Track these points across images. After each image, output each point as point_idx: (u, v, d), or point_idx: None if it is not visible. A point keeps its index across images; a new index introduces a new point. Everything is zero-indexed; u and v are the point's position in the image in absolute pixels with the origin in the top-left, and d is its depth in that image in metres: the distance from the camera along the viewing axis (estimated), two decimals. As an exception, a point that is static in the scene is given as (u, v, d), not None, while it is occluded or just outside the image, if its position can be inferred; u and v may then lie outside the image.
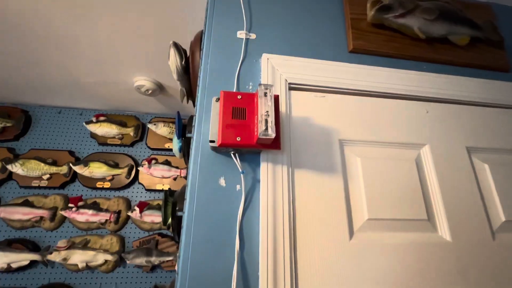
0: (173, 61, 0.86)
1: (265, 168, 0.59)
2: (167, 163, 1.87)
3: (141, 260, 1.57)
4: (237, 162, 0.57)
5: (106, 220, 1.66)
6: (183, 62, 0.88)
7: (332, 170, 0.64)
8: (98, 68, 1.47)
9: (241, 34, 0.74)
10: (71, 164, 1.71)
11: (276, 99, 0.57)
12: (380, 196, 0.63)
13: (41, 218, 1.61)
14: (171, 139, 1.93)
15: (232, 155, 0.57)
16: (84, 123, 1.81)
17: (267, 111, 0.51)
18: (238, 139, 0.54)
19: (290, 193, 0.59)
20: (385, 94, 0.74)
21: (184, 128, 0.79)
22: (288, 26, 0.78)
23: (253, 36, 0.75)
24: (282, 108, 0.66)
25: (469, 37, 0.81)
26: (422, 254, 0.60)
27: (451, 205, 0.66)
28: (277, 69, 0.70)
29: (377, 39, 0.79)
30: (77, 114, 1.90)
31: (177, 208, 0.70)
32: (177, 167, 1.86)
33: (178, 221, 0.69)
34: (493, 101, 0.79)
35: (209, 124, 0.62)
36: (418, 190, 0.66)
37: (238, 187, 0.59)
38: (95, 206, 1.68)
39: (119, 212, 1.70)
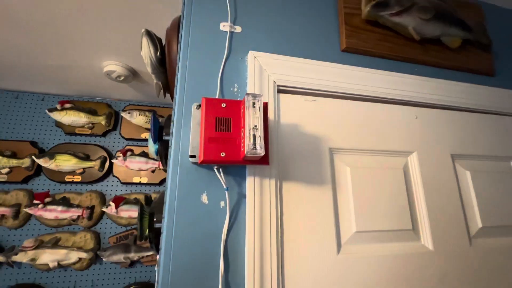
0: (146, 52, 0.75)
1: (251, 183, 0.54)
2: (144, 154, 1.76)
3: (119, 257, 1.51)
4: (221, 178, 0.52)
5: (78, 216, 1.56)
6: (158, 54, 0.77)
7: (321, 182, 0.61)
8: (60, 50, 1.29)
9: (225, 26, 0.65)
10: (34, 157, 1.54)
11: (265, 108, 0.51)
12: (368, 208, 0.62)
13: (3, 216, 1.47)
14: (148, 129, 1.80)
15: (215, 170, 0.52)
16: (46, 111, 1.62)
17: (255, 125, 0.46)
18: (223, 154, 0.48)
19: (278, 208, 0.55)
20: (377, 98, 0.71)
21: (161, 130, 0.71)
22: (276, 19, 0.71)
23: (238, 29, 0.67)
24: (270, 114, 0.60)
25: (461, 40, 0.79)
26: (406, 264, 0.61)
27: (434, 214, 0.66)
28: (265, 69, 0.63)
29: (371, 37, 0.74)
30: (38, 99, 1.70)
31: (154, 219, 0.64)
32: (155, 159, 1.76)
33: (156, 233, 0.63)
34: (477, 107, 0.79)
35: (188, 135, 0.56)
36: (404, 199, 0.66)
37: (222, 203, 0.54)
38: (65, 202, 1.56)
39: (92, 208, 1.60)
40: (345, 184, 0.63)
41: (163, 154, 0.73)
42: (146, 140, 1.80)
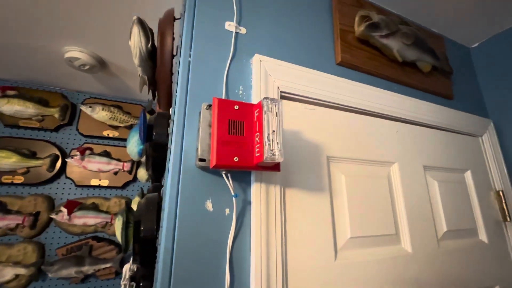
0: (136, 42, 0.68)
1: (257, 189, 0.53)
2: (106, 154, 1.58)
3: (69, 272, 1.31)
4: (229, 184, 0.49)
5: (18, 224, 1.31)
6: (149, 45, 0.71)
7: (321, 189, 0.62)
8: (10, 26, 1.08)
9: (230, 26, 0.63)
10: (-41, 152, 1.26)
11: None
12: (361, 214, 0.66)
13: None
14: (112, 126, 1.63)
15: (224, 175, 0.49)
16: (-19, 97, 1.35)
17: (274, 130, 0.44)
18: (236, 159, 0.45)
19: (282, 215, 0.54)
20: (366, 111, 0.76)
21: (150, 129, 0.65)
22: (278, 27, 0.71)
23: (243, 30, 0.65)
24: (275, 120, 0.59)
25: (431, 66, 0.90)
26: (391, 267, 0.65)
27: (412, 219, 0.73)
28: (269, 74, 0.63)
29: (361, 55, 0.80)
30: (-30, 82, 1.40)
31: (141, 228, 0.57)
32: (118, 160, 1.60)
33: (144, 244, 0.56)
34: (442, 125, 0.91)
35: (195, 136, 0.52)
36: (389, 206, 0.71)
37: (227, 211, 0.51)
38: (1, 207, 1.30)
39: (36, 214, 1.36)
40: (340, 192, 0.65)
41: (151, 156, 0.66)
42: (109, 138, 1.62)
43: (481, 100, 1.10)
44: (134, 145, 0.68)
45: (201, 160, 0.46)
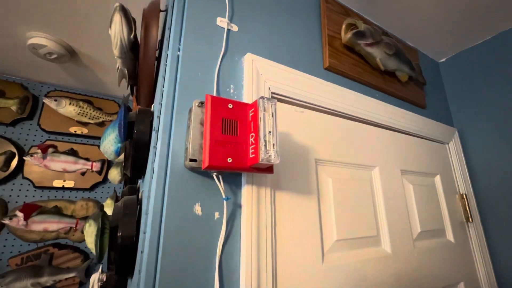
0: (118, 31, 0.63)
1: (249, 192, 0.51)
2: (72, 152, 1.44)
3: (24, 284, 1.16)
4: (220, 186, 0.46)
5: (-39, 231, 1.14)
6: (131, 36, 0.66)
7: (309, 192, 0.62)
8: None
9: (222, 22, 0.61)
10: None
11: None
12: (346, 217, 0.67)
13: None
14: (80, 122, 1.50)
15: (215, 177, 0.46)
16: None
17: (270, 131, 0.43)
18: (229, 160, 0.43)
19: (272, 219, 0.53)
20: (350, 116, 0.78)
21: (131, 126, 0.60)
22: (269, 27, 0.70)
23: (235, 28, 0.63)
24: (266, 121, 0.58)
25: (408, 76, 0.96)
26: (373, 268, 0.67)
27: (391, 221, 0.76)
28: (261, 74, 0.62)
29: (347, 61, 0.82)
30: None
31: (119, 234, 0.52)
32: (87, 159, 1.47)
33: (121, 252, 0.51)
34: (416, 132, 0.97)
35: (183, 135, 0.48)
36: (371, 209, 0.74)
37: (217, 215, 0.48)
38: None
39: (-15, 219, 1.20)
40: (327, 195, 0.66)
41: (130, 155, 0.61)
42: (77, 135, 1.49)
43: (448, 110, 1.19)
44: (110, 143, 0.62)
45: (192, 160, 0.43)
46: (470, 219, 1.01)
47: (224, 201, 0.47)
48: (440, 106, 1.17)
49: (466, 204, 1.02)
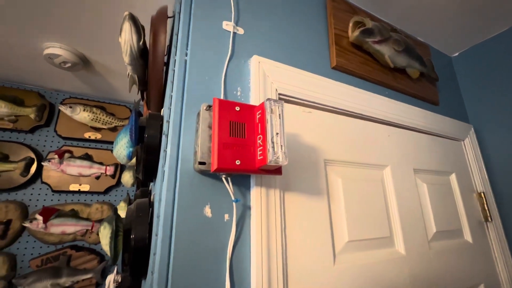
0: (128, 39, 0.65)
1: (258, 194, 0.51)
2: (87, 157, 1.49)
3: (45, 284, 1.20)
4: (230, 188, 0.47)
5: (-15, 234, 1.20)
6: (140, 43, 0.67)
7: (319, 193, 0.62)
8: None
9: (228, 26, 0.62)
10: None
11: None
12: (357, 217, 0.66)
13: None
14: (94, 128, 1.55)
15: (224, 179, 0.47)
16: None
17: (277, 133, 0.43)
18: (238, 162, 0.43)
19: (282, 220, 0.53)
20: (360, 115, 0.77)
21: (142, 131, 0.61)
22: (274, 28, 0.71)
23: (240, 31, 0.64)
24: (274, 122, 0.58)
25: (419, 72, 0.93)
26: (386, 270, 0.66)
27: (404, 222, 0.75)
28: (268, 76, 0.62)
29: (355, 59, 0.81)
30: None
31: (132, 236, 0.54)
32: (101, 163, 1.52)
33: (135, 254, 0.53)
34: (428, 129, 0.94)
35: (192, 138, 0.49)
36: (383, 209, 0.72)
37: (226, 216, 0.49)
38: (-35, 216, 1.18)
39: (8, 223, 1.25)
40: (337, 195, 0.65)
41: (142, 159, 0.63)
42: (91, 140, 1.54)
43: (462, 106, 1.16)
44: (123, 148, 0.63)
45: (201, 163, 0.44)
46: (489, 218, 0.97)
47: (234, 203, 0.47)
48: (454, 102, 1.13)
49: (485, 203, 0.99)
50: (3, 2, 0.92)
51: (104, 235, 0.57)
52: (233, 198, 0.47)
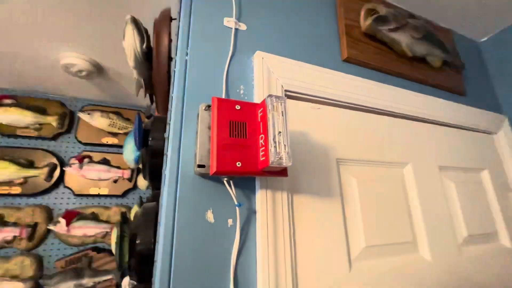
0: (131, 43, 0.65)
1: (263, 197, 0.48)
2: (105, 162, 1.54)
3: (68, 285, 1.26)
4: (232, 192, 0.44)
5: (15, 236, 1.27)
6: (144, 46, 0.67)
7: (331, 195, 0.57)
8: (4, 34, 1.06)
9: (229, 22, 0.59)
10: (-45, 163, 1.23)
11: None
12: (375, 221, 0.60)
13: None
14: (111, 133, 1.60)
15: (225, 182, 0.44)
16: (-22, 107, 1.32)
17: (280, 131, 0.40)
18: (239, 164, 0.41)
19: (291, 225, 0.50)
20: (375, 109, 0.71)
21: (146, 134, 0.61)
22: (279, 22, 0.67)
23: (243, 26, 0.61)
24: (280, 120, 0.55)
25: (442, 60, 0.85)
26: (409, 278, 0.60)
27: (429, 225, 0.68)
28: (272, 72, 0.59)
29: (368, 50, 0.76)
30: (-34, 92, 1.38)
31: (138, 241, 0.53)
32: (118, 167, 1.56)
33: (140, 259, 0.52)
34: (455, 122, 0.86)
35: (193, 140, 0.47)
36: (404, 211, 0.66)
37: (230, 222, 0.46)
38: (-3, 220, 1.26)
39: (34, 226, 1.32)
40: (352, 197, 0.60)
41: (147, 163, 0.62)
42: (108, 145, 1.59)
43: (493, 96, 1.05)
44: (130, 152, 0.63)
45: (200, 166, 0.41)
46: (530, 220, 0.86)
47: (237, 208, 0.45)
48: (483, 91, 1.03)
49: (524, 202, 0.88)
50: (24, 19, 0.97)
51: (113, 239, 0.57)
52: (235, 202, 0.44)
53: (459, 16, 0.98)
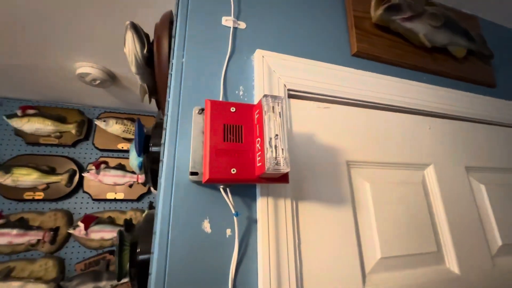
0: (131, 49, 0.64)
1: (264, 205, 0.45)
2: (120, 167, 1.58)
3: (88, 287, 1.29)
4: (229, 200, 0.41)
5: (39, 240, 1.33)
6: (145, 51, 0.67)
7: (341, 201, 0.53)
8: (24, 47, 1.12)
9: (228, 21, 0.57)
10: (-15, 171, 1.31)
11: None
12: (392, 229, 0.55)
13: None
14: (125, 139, 1.64)
15: (221, 190, 0.41)
16: (4, 117, 1.41)
17: (277, 134, 0.37)
18: (233, 171, 0.38)
19: (295, 235, 0.46)
20: (390, 106, 0.65)
21: (146, 140, 0.60)
22: (281, 18, 0.64)
23: (242, 25, 0.58)
24: (282, 122, 0.51)
25: (466, 50, 0.77)
26: (434, 293, 0.54)
27: (457, 233, 0.61)
28: (274, 71, 0.55)
29: (381, 43, 0.70)
30: (-5, 104, 1.48)
31: (138, 250, 0.51)
32: (133, 172, 1.59)
33: (140, 268, 0.50)
34: (483, 117, 0.77)
35: (188, 146, 0.45)
36: (426, 218, 0.60)
37: (228, 232, 0.43)
38: (22, 224, 1.33)
39: (56, 229, 1.38)
40: (365, 203, 0.55)
41: (149, 169, 0.61)
42: (123, 151, 1.63)
43: (530, 86, 0.93)
44: (134, 158, 0.63)
45: (192, 173, 0.39)
46: None
47: (235, 217, 0.42)
48: (517, 82, 0.92)
49: None
50: (37, 32, 1.02)
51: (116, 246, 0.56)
52: (233, 211, 0.41)
53: (485, 1, 0.89)
